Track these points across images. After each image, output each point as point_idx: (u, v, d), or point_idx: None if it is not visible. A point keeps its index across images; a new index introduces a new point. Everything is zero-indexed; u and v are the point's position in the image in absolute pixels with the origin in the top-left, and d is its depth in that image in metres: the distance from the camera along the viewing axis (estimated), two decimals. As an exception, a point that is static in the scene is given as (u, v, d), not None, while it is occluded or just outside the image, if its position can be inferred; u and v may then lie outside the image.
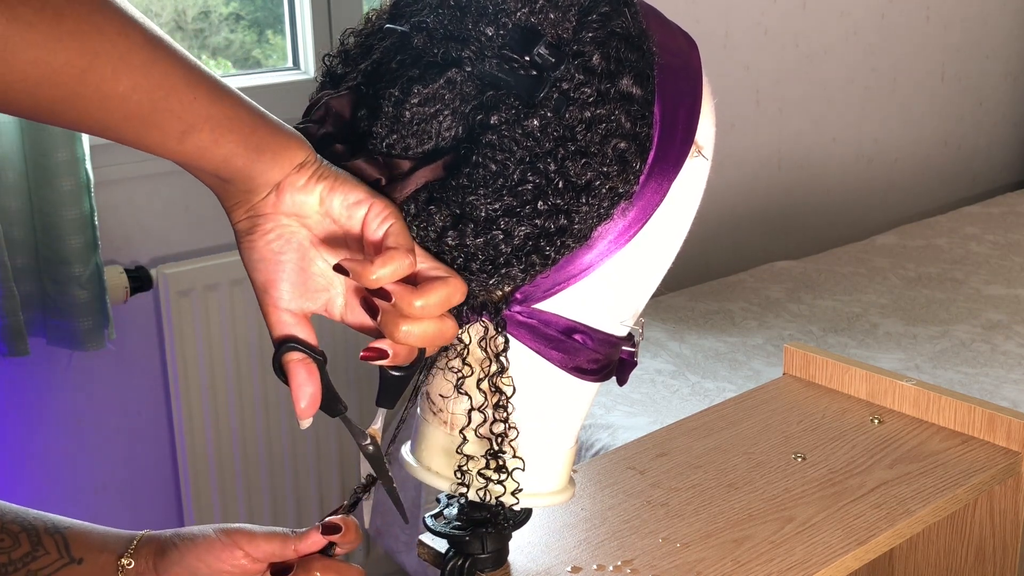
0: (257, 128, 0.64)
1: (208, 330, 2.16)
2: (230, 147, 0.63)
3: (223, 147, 0.63)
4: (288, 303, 0.69)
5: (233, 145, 0.63)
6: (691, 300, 2.55)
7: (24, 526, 0.79)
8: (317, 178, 0.67)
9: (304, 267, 0.69)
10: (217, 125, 0.62)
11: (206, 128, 0.62)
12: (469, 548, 0.87)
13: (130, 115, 0.59)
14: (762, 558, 0.92)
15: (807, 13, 3.06)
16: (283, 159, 0.65)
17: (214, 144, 0.62)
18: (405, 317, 0.66)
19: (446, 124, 0.69)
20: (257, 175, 0.65)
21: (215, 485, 2.25)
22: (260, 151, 0.64)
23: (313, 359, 0.70)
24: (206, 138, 0.62)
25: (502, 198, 0.68)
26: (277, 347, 0.70)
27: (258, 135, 0.64)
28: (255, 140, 0.64)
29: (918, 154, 3.50)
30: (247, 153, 0.64)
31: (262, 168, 0.65)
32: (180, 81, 0.60)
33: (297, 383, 0.70)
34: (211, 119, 0.62)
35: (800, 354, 1.24)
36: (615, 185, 0.71)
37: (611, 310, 0.79)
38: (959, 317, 2.48)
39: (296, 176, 0.66)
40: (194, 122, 0.61)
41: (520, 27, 0.69)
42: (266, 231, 0.67)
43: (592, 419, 1.94)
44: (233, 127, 0.63)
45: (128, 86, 0.58)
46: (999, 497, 1.10)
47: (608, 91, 0.70)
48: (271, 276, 0.68)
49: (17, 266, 1.89)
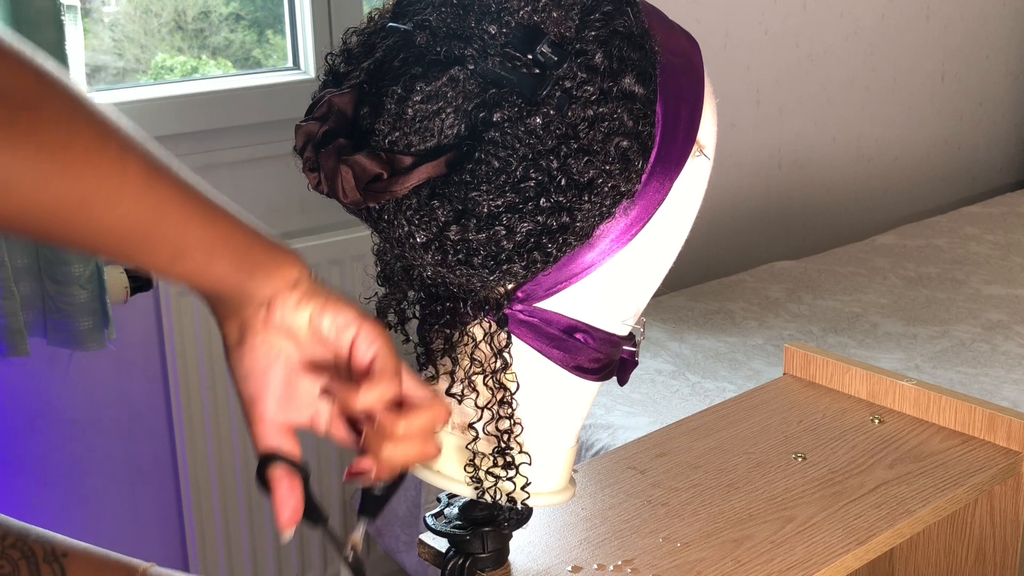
0: (251, 248, 0.65)
1: (208, 330, 2.16)
2: (223, 268, 0.64)
3: (216, 268, 0.63)
4: (274, 416, 0.69)
5: (226, 266, 0.64)
6: (691, 300, 2.55)
7: (24, 552, 0.78)
8: (308, 298, 0.67)
9: (291, 382, 0.69)
10: (210, 247, 0.62)
11: (199, 251, 0.62)
12: (469, 547, 0.87)
13: (122, 240, 0.59)
14: (762, 558, 0.92)
15: (807, 13, 3.06)
16: (276, 277, 0.66)
17: (207, 266, 0.63)
18: (388, 438, 0.67)
19: (449, 121, 0.69)
20: (249, 293, 0.66)
21: (215, 485, 2.25)
22: (253, 271, 0.65)
23: (297, 472, 0.70)
24: (199, 260, 0.62)
25: (505, 194, 0.68)
26: (261, 460, 0.70)
27: (252, 255, 0.65)
28: (249, 260, 0.65)
29: (918, 154, 3.50)
30: (240, 273, 0.64)
31: (254, 286, 0.65)
32: (174, 206, 0.60)
33: (280, 496, 0.69)
34: (203, 242, 0.62)
35: (800, 354, 1.24)
36: (617, 183, 0.71)
37: (612, 309, 0.79)
38: (959, 317, 2.48)
39: (288, 294, 0.67)
40: (185, 246, 0.61)
41: (523, 25, 0.69)
42: (255, 345, 0.68)
43: (592, 419, 1.94)
44: (227, 248, 0.63)
45: (121, 214, 0.58)
46: (999, 497, 1.10)
47: (610, 89, 0.70)
48: (259, 390, 0.69)
49: (17, 266, 1.89)
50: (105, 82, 2.15)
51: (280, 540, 0.74)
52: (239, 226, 0.64)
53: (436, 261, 0.70)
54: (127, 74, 2.23)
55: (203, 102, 2.13)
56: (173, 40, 2.28)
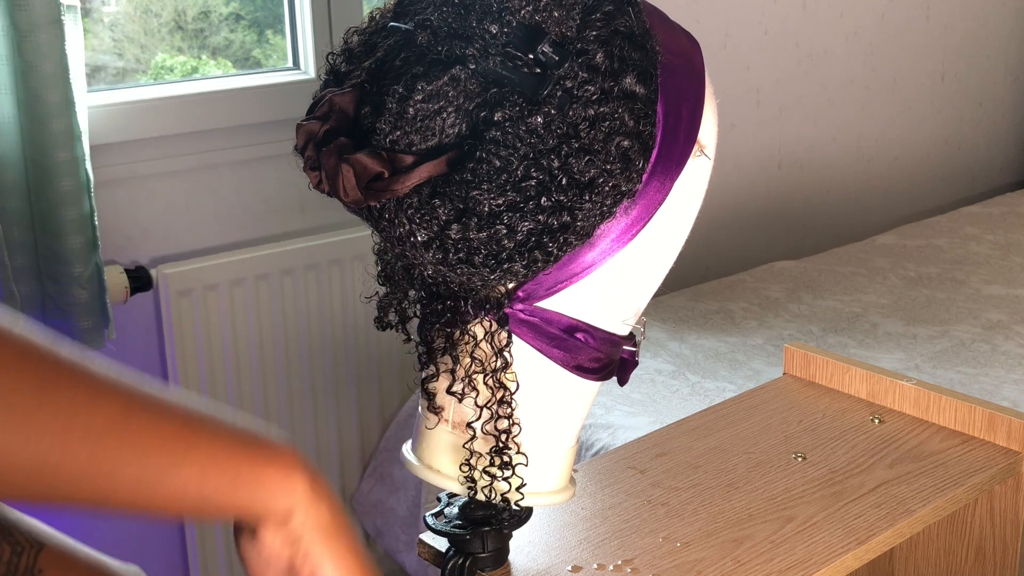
0: (241, 467, 0.60)
1: (208, 330, 2.16)
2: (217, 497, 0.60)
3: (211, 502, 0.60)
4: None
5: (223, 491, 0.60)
6: (691, 300, 2.55)
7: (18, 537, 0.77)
8: (299, 556, 0.63)
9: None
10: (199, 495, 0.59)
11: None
12: (469, 547, 0.87)
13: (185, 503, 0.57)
14: (762, 558, 0.92)
15: (807, 14, 3.06)
16: (274, 501, 0.62)
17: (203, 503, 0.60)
18: None
19: (450, 121, 0.70)
20: (256, 513, 0.62)
21: (215, 485, 2.24)
22: (253, 489, 0.61)
23: None
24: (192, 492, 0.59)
25: (505, 193, 0.68)
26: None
27: (242, 475, 0.60)
28: (241, 482, 0.60)
29: (918, 154, 3.50)
30: (238, 498, 0.60)
31: (258, 505, 0.62)
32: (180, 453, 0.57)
33: None
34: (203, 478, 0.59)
35: (800, 354, 1.24)
36: (618, 183, 0.71)
37: (613, 309, 0.79)
38: (959, 317, 2.48)
39: (278, 533, 0.63)
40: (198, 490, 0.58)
41: (524, 25, 0.69)
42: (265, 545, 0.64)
43: (592, 419, 1.94)
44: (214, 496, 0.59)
45: (179, 484, 0.56)
46: (999, 497, 1.10)
47: (611, 89, 0.70)
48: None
49: (17, 266, 1.89)
50: (105, 82, 2.15)
51: None
52: (224, 445, 0.60)
53: (437, 260, 0.70)
54: (127, 74, 2.23)
55: (203, 102, 2.13)
56: (173, 40, 2.28)
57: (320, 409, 2.34)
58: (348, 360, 2.32)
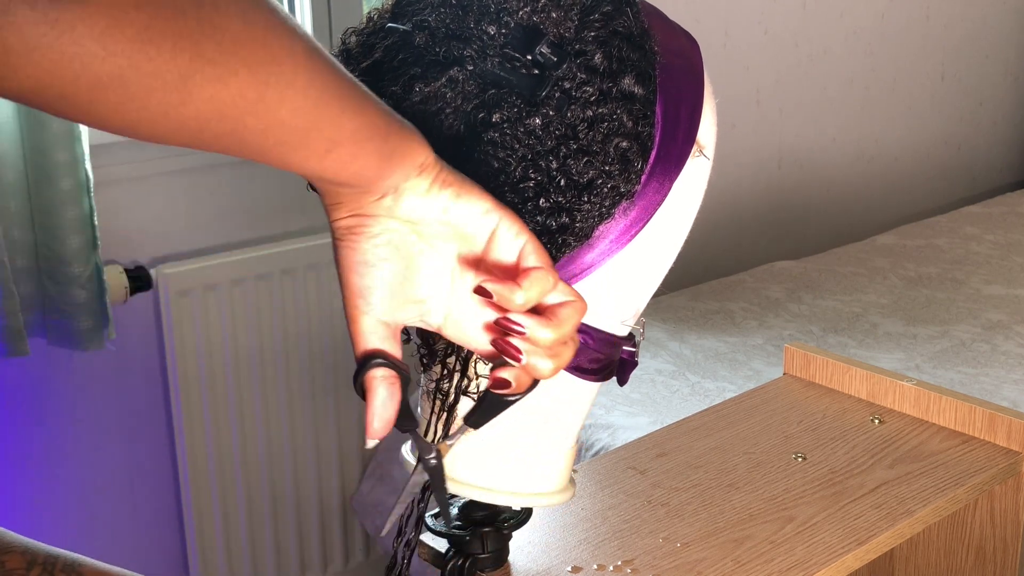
0: (390, 133, 0.60)
1: (208, 330, 2.16)
2: (366, 158, 0.59)
3: (360, 159, 0.59)
4: (382, 313, 0.64)
5: (368, 156, 0.59)
6: (691, 300, 2.55)
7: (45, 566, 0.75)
8: (441, 183, 0.62)
9: (408, 276, 0.64)
10: (359, 138, 0.58)
11: (348, 143, 0.58)
12: (469, 548, 0.87)
13: (283, 140, 0.55)
14: (762, 558, 0.92)
15: (807, 14, 3.06)
16: (408, 162, 0.61)
17: (352, 157, 0.58)
18: (542, 352, 0.63)
19: (448, 122, 0.69)
20: (383, 180, 0.61)
21: (215, 485, 2.25)
22: (391, 158, 0.60)
23: (399, 376, 0.65)
24: (346, 152, 0.58)
25: (504, 195, 0.68)
26: (362, 361, 0.64)
27: (390, 141, 0.60)
28: (388, 147, 0.60)
29: (918, 154, 3.50)
30: (380, 162, 0.60)
31: (389, 173, 0.61)
32: (332, 97, 0.56)
33: (378, 402, 0.64)
34: (354, 133, 0.58)
35: (800, 354, 1.24)
36: (617, 184, 0.71)
37: (612, 309, 0.79)
38: (959, 317, 2.48)
39: (419, 180, 0.61)
40: (339, 139, 0.57)
41: (522, 26, 0.69)
42: (373, 234, 0.62)
43: (592, 419, 1.94)
44: (371, 137, 0.59)
45: (289, 112, 0.54)
46: (999, 497, 1.10)
47: (610, 90, 0.70)
48: (370, 282, 0.63)
49: (17, 266, 1.89)
50: (105, 82, 2.14)
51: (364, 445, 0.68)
52: (378, 109, 0.60)
53: None
54: (127, 74, 2.23)
55: (203, 102, 2.13)
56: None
57: (320, 409, 2.34)
58: (348, 360, 2.31)
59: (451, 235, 0.64)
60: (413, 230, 0.63)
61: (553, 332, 0.62)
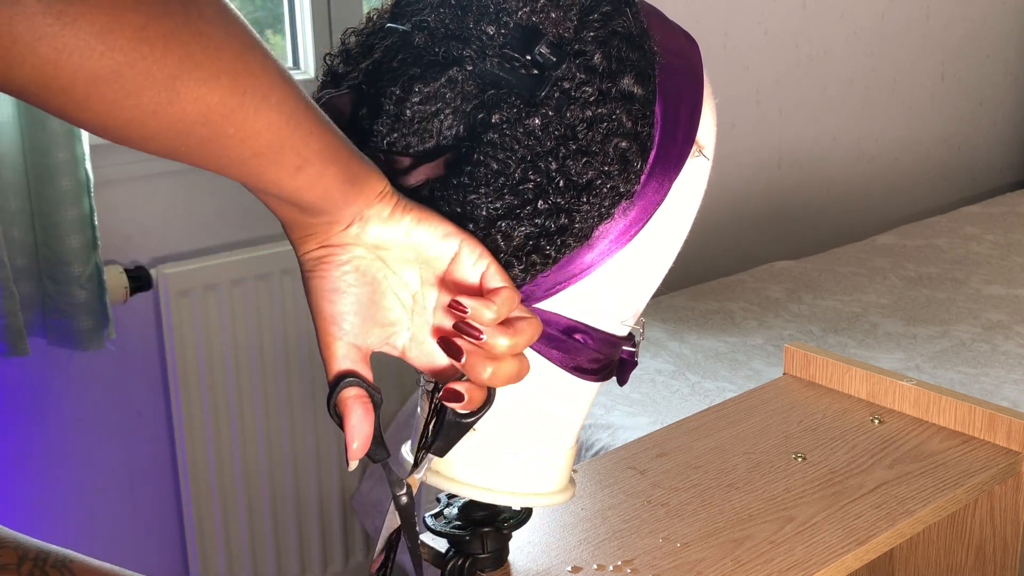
0: (351, 159, 0.63)
1: (208, 330, 2.16)
2: (331, 179, 0.62)
3: (326, 179, 0.62)
4: (354, 337, 0.67)
5: (334, 177, 0.62)
6: (691, 300, 2.55)
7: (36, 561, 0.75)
8: (403, 209, 0.65)
9: (375, 300, 0.67)
10: (325, 158, 0.61)
11: (316, 162, 0.61)
12: (469, 548, 0.87)
13: (259, 152, 0.58)
14: (762, 558, 0.92)
15: (807, 14, 3.06)
16: (368, 189, 0.64)
17: (319, 177, 0.61)
18: (490, 358, 0.66)
19: (447, 123, 0.69)
20: (347, 205, 0.64)
21: (215, 485, 2.25)
22: (354, 182, 0.63)
23: (371, 397, 0.68)
24: (314, 171, 0.61)
25: (503, 197, 0.68)
26: (336, 382, 0.67)
27: (352, 166, 0.63)
28: (351, 171, 0.63)
29: (918, 154, 3.50)
30: (344, 185, 0.63)
31: (352, 198, 0.64)
32: (303, 116, 0.59)
33: (353, 422, 0.67)
34: (320, 152, 0.61)
35: (800, 354, 1.24)
36: (616, 184, 0.71)
37: (612, 310, 0.79)
38: (959, 317, 2.48)
39: (381, 206, 0.65)
40: (308, 156, 0.60)
41: (521, 26, 0.69)
42: (341, 262, 0.66)
43: (592, 419, 1.94)
44: (336, 159, 0.62)
45: (264, 124, 0.57)
46: (999, 497, 1.10)
47: (609, 90, 0.70)
48: (342, 308, 0.66)
49: (17, 266, 1.89)
50: (105, 82, 2.14)
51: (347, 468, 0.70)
52: (338, 134, 0.63)
53: None
54: (127, 74, 2.23)
55: (203, 102, 2.13)
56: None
57: (320, 409, 2.34)
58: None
59: (414, 259, 0.67)
60: (378, 256, 0.66)
61: (509, 340, 0.65)
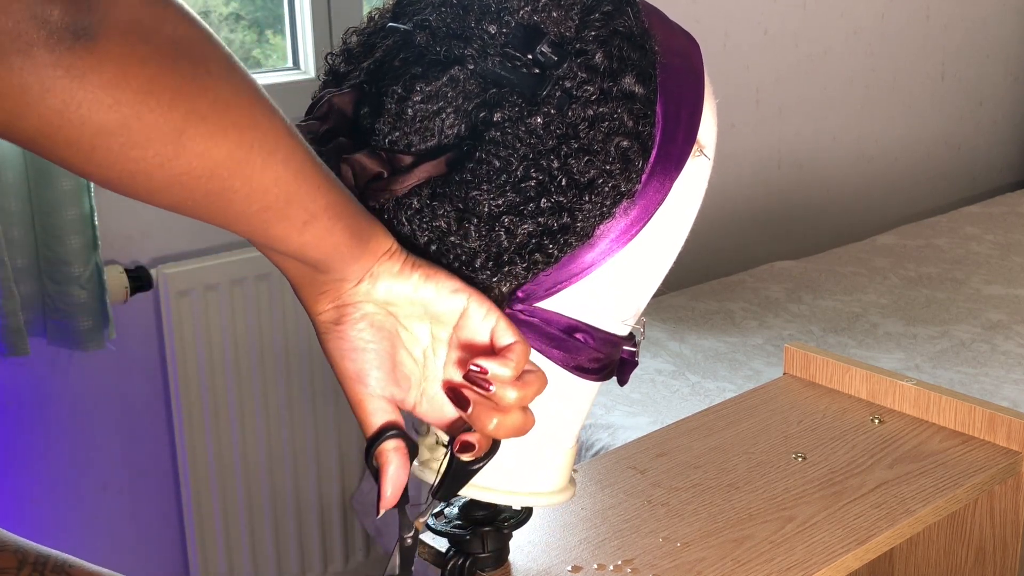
0: (358, 214, 0.64)
1: (208, 330, 2.16)
2: (340, 234, 0.63)
3: (335, 235, 0.62)
4: (382, 391, 0.69)
5: (342, 232, 0.63)
6: (691, 300, 2.55)
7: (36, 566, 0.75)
8: (411, 265, 0.67)
9: (392, 355, 0.68)
10: (332, 213, 0.62)
11: (324, 217, 0.61)
12: (470, 547, 0.87)
13: (267, 207, 0.58)
14: (762, 558, 0.92)
15: (807, 14, 3.06)
16: (375, 244, 0.65)
17: (328, 232, 0.62)
18: (496, 409, 0.67)
19: (449, 121, 0.70)
20: (354, 261, 0.65)
21: (215, 485, 2.25)
22: (361, 236, 0.64)
23: (408, 448, 0.69)
24: (322, 227, 0.61)
25: (505, 195, 0.69)
26: (377, 435, 0.69)
27: (359, 220, 0.64)
28: (358, 226, 0.64)
29: (918, 154, 3.50)
30: (352, 240, 0.63)
31: (359, 254, 0.64)
32: (310, 171, 0.60)
33: (391, 473, 0.69)
34: (327, 208, 0.61)
35: (800, 354, 1.24)
36: (617, 183, 0.71)
37: (613, 309, 0.79)
38: (959, 317, 2.48)
39: (390, 263, 0.66)
40: (316, 211, 0.61)
41: (523, 25, 0.69)
42: (355, 320, 0.67)
43: (592, 419, 1.94)
44: (343, 214, 0.62)
45: (272, 179, 0.58)
46: (999, 497, 1.10)
47: (611, 89, 0.70)
48: (364, 365, 0.68)
49: (17, 266, 1.89)
50: (105, 82, 2.14)
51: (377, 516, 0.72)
52: (346, 192, 0.64)
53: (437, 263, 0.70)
54: (127, 74, 2.23)
55: (203, 102, 2.13)
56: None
57: (320, 409, 2.34)
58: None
59: (423, 315, 0.68)
60: (389, 311, 0.67)
61: (517, 392, 0.66)
